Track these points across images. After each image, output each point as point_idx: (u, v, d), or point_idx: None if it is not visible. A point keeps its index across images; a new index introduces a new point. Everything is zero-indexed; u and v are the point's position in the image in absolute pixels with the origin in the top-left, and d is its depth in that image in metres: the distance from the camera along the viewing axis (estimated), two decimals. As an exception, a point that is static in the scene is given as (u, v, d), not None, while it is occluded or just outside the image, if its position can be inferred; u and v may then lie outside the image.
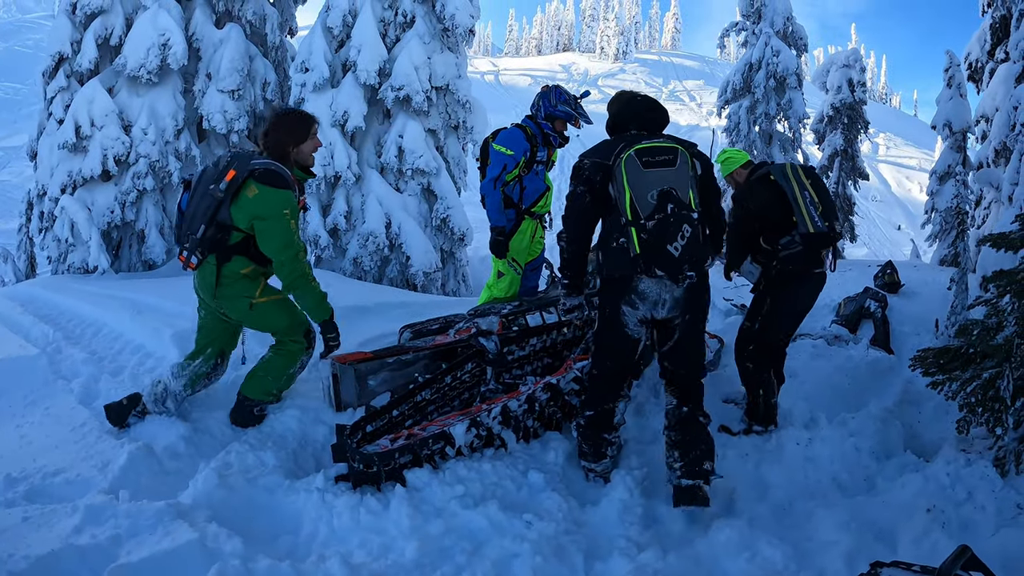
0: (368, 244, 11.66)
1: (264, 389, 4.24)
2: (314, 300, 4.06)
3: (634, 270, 3.50)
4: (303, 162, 4.19)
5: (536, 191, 5.71)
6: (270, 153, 4.04)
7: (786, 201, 4.40)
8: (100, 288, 8.52)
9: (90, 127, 10.98)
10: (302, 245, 4.00)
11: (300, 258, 3.98)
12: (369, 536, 3.07)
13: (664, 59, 73.44)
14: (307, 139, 4.14)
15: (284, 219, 3.88)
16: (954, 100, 13.84)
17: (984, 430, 4.13)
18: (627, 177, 3.48)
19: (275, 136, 4.07)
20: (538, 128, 5.61)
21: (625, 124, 3.90)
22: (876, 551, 3.29)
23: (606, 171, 3.62)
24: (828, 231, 4.34)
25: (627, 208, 3.45)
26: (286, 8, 13.16)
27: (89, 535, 2.94)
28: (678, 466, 3.57)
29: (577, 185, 3.73)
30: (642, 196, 3.44)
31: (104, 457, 3.74)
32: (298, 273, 3.98)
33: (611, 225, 3.64)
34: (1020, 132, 7.54)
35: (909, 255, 16.89)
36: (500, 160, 5.48)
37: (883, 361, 5.98)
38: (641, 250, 3.42)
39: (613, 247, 3.58)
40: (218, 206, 3.93)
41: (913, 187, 41.85)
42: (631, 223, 3.44)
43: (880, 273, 8.01)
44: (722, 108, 16.59)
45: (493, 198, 5.52)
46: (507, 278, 5.81)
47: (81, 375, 5.08)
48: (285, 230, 3.90)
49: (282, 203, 3.90)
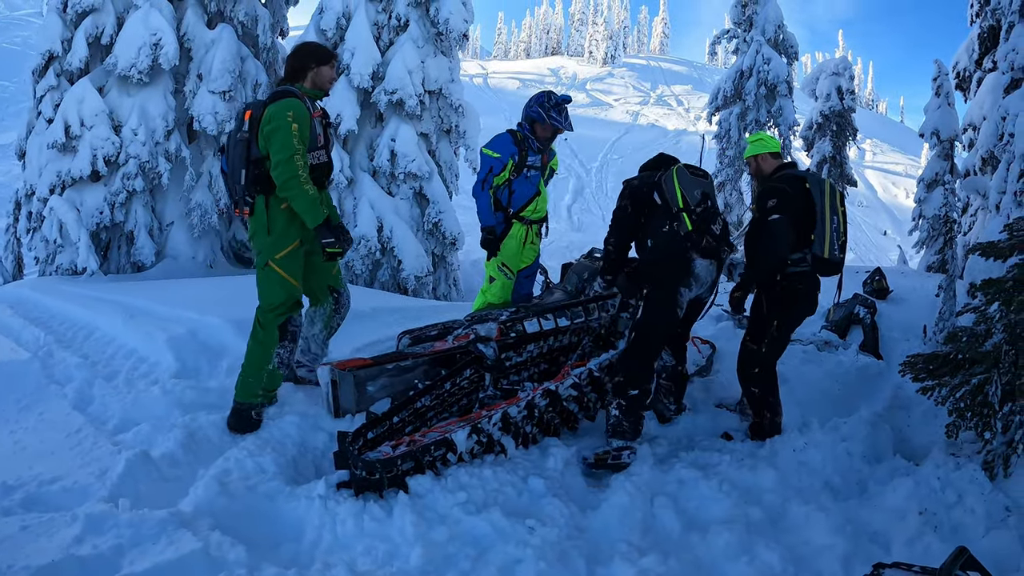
0: (360, 248, 11.66)
1: (249, 390, 4.25)
2: (305, 203, 4.10)
3: (684, 245, 4.33)
4: (320, 85, 4.35)
5: (525, 195, 5.73)
6: (287, 75, 4.31)
7: (811, 215, 4.34)
8: (90, 290, 8.45)
9: (80, 127, 10.92)
10: (299, 148, 4.06)
11: (294, 160, 4.04)
12: (374, 543, 3.07)
13: (652, 64, 73.60)
14: (327, 64, 4.36)
15: (287, 122, 4.03)
16: (942, 109, 13.98)
17: (973, 434, 4.20)
18: (678, 180, 4.42)
19: (298, 56, 4.33)
20: (519, 135, 5.63)
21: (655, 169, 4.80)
22: (871, 554, 3.36)
23: (653, 184, 4.53)
24: (840, 262, 4.40)
25: (679, 198, 4.36)
26: (278, 9, 13.14)
27: (90, 545, 2.91)
28: (672, 404, 4.85)
29: (622, 199, 4.64)
30: (691, 192, 4.38)
31: (101, 464, 3.72)
32: (290, 174, 4.03)
33: (659, 218, 4.46)
34: (1008, 141, 7.64)
35: (896, 261, 17.04)
36: (486, 163, 5.58)
37: (872, 366, 6.05)
38: (692, 227, 4.31)
39: (664, 232, 4.41)
40: (248, 147, 4.16)
41: (899, 193, 42.15)
42: (683, 210, 4.34)
43: (869, 280, 8.08)
44: (713, 114, 16.70)
45: (482, 200, 5.61)
46: (498, 283, 5.83)
47: (75, 380, 5.04)
48: (285, 133, 4.03)
49: (286, 108, 4.07)
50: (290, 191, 4.07)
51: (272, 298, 4.27)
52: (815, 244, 4.31)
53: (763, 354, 4.56)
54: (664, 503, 3.61)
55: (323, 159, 4.36)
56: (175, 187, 11.89)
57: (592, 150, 39.33)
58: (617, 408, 4.28)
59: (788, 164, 4.78)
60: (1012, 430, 3.96)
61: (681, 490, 3.78)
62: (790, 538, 3.49)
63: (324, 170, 4.41)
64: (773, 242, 4.31)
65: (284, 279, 4.25)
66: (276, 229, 4.22)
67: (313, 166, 4.25)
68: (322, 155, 4.34)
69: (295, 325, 4.47)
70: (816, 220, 4.33)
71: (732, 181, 17.47)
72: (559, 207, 29.15)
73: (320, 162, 4.33)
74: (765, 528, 3.55)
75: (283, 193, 4.10)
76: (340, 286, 4.78)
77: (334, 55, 4.49)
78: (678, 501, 3.69)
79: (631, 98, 57.19)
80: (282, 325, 4.35)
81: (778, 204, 4.34)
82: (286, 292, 4.28)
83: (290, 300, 4.31)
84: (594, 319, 5.03)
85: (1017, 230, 4.27)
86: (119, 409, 4.51)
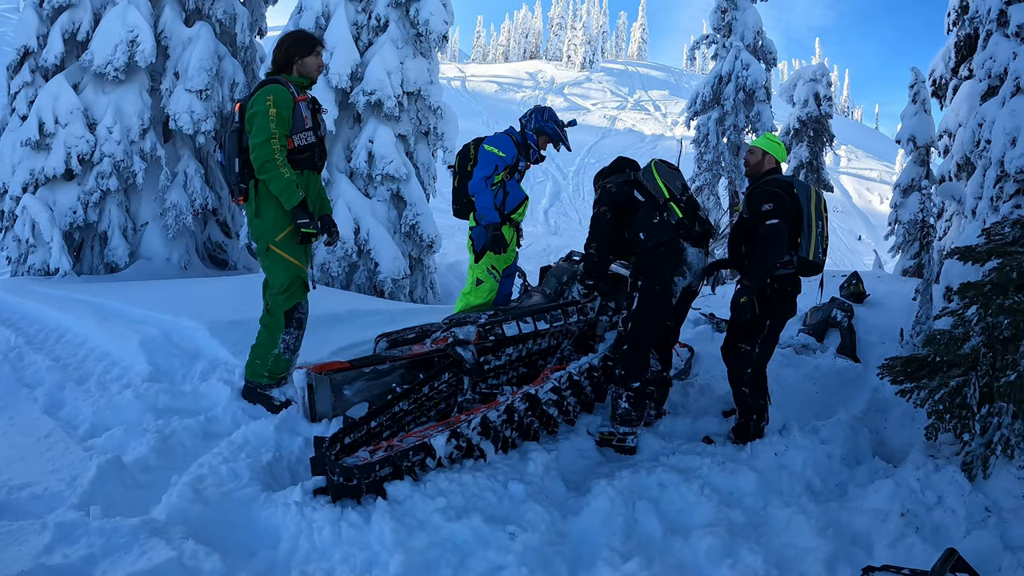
0: (336, 250, 11.56)
1: (255, 371, 4.50)
2: (280, 184, 4.22)
3: (677, 232, 4.57)
4: (307, 74, 4.48)
5: (517, 198, 5.76)
6: (274, 68, 4.45)
7: (798, 220, 4.49)
8: (62, 291, 8.30)
9: (54, 124, 10.77)
10: (275, 133, 4.18)
11: (270, 143, 4.16)
12: (352, 551, 3.01)
13: (630, 69, 73.99)
14: (311, 54, 4.47)
15: (265, 107, 4.16)
16: (918, 115, 14.15)
17: (952, 436, 4.24)
18: (659, 173, 4.71)
19: (282, 48, 4.45)
20: (523, 139, 5.74)
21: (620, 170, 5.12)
22: (854, 556, 3.37)
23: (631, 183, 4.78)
24: (822, 264, 4.60)
25: (664, 190, 4.64)
26: (257, 8, 13.03)
27: (61, 554, 2.81)
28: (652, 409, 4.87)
29: (599, 205, 4.77)
30: (673, 184, 4.69)
31: (72, 470, 3.63)
32: (266, 157, 4.16)
33: (646, 212, 4.63)
34: (984, 148, 7.73)
35: (872, 265, 17.21)
36: (492, 160, 5.57)
37: (850, 370, 6.08)
38: (683, 214, 4.60)
39: (655, 223, 4.57)
40: (240, 136, 4.32)
41: (874, 198, 42.65)
42: (670, 200, 4.62)
43: (846, 283, 8.14)
44: (691, 120, 16.77)
45: (486, 196, 5.55)
46: (487, 284, 5.82)
47: (45, 383, 4.93)
48: (263, 118, 4.16)
49: (266, 93, 4.21)
50: (266, 173, 4.21)
51: (279, 280, 4.44)
52: (801, 247, 4.49)
53: (756, 355, 4.67)
54: (646, 507, 3.58)
55: (310, 140, 4.42)
56: (150, 187, 11.74)
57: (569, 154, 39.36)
58: (626, 401, 4.51)
59: (776, 168, 4.88)
60: (990, 431, 3.99)
61: (663, 494, 3.76)
62: (773, 541, 3.49)
63: (314, 151, 4.49)
64: (776, 245, 4.41)
65: (287, 260, 4.42)
66: (267, 213, 4.35)
67: (302, 147, 4.37)
68: (309, 136, 4.41)
69: (301, 312, 4.58)
70: (803, 224, 4.49)
71: (710, 186, 17.56)
72: (536, 211, 29.19)
73: (308, 143, 4.41)
74: (747, 531, 3.55)
75: (260, 175, 4.24)
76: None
77: (318, 42, 4.56)
78: (660, 505, 3.67)
79: (609, 103, 57.44)
80: (288, 311, 4.50)
81: (775, 209, 4.45)
82: (291, 273, 4.44)
83: (296, 282, 4.47)
84: (573, 322, 5.01)
85: (994, 235, 4.32)
86: (91, 413, 4.41)
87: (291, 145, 4.33)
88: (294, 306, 4.51)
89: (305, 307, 4.62)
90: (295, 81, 4.41)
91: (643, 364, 4.59)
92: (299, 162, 4.40)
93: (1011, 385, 3.86)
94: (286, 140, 4.27)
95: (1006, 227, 4.37)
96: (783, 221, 4.41)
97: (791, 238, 4.47)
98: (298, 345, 4.63)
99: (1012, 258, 3.98)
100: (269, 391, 4.51)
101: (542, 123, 5.76)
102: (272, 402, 4.45)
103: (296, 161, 4.38)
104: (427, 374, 4.42)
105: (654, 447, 4.49)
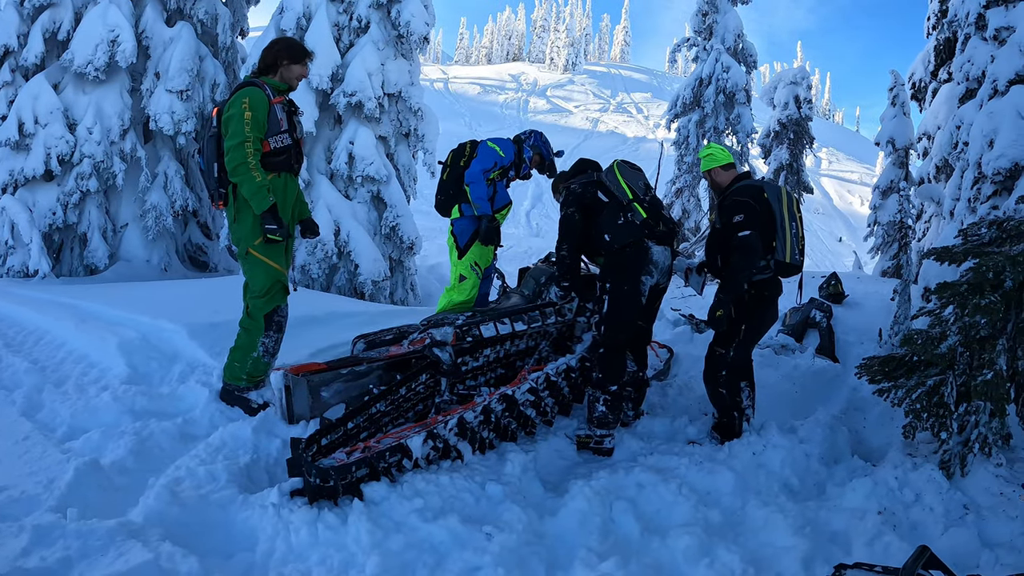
0: (316, 251, 11.53)
1: (233, 373, 4.49)
2: (251, 188, 4.19)
3: (642, 232, 4.55)
4: (288, 80, 4.47)
5: (503, 200, 5.90)
6: (259, 68, 4.45)
7: (772, 223, 4.45)
8: (41, 293, 8.22)
9: (34, 124, 10.70)
10: (249, 136, 4.16)
11: (244, 147, 4.14)
12: (329, 552, 2.99)
13: (613, 71, 74.26)
14: (299, 63, 4.48)
15: (240, 110, 4.16)
16: (898, 118, 14.29)
17: (929, 435, 4.27)
18: (621, 174, 4.74)
19: (272, 49, 4.46)
20: (519, 150, 5.97)
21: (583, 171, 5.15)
22: (832, 554, 3.38)
23: (595, 183, 4.77)
24: (800, 264, 4.58)
25: (627, 191, 4.66)
26: (238, 9, 12.98)
27: (38, 557, 2.80)
28: (630, 410, 4.89)
29: (567, 207, 4.73)
30: (636, 184, 4.72)
31: (49, 473, 3.60)
32: (239, 160, 4.15)
33: (610, 213, 4.63)
34: (962, 150, 7.80)
35: (851, 266, 17.34)
36: (493, 156, 5.75)
37: (829, 370, 6.13)
38: (647, 214, 4.62)
39: (619, 224, 4.58)
40: (218, 141, 4.29)
41: (854, 200, 42.97)
42: (634, 200, 4.63)
43: (825, 284, 8.21)
44: (672, 121, 16.84)
45: (481, 187, 5.67)
46: (469, 281, 5.86)
47: (23, 385, 4.88)
48: (237, 121, 4.15)
49: (241, 96, 4.20)
50: (238, 176, 4.19)
51: (258, 283, 4.42)
52: (777, 251, 4.44)
53: (730, 358, 4.63)
54: (623, 507, 3.58)
55: (286, 142, 4.41)
56: (130, 188, 11.66)
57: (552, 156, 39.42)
58: (603, 404, 4.49)
59: (744, 175, 4.87)
60: (968, 430, 4.03)
61: (640, 494, 3.76)
62: (750, 540, 3.49)
63: (290, 154, 4.48)
64: (749, 256, 4.37)
65: (266, 264, 4.39)
66: (246, 217, 4.33)
67: (278, 149, 4.36)
68: (285, 138, 4.39)
69: (281, 315, 4.55)
70: (776, 228, 4.45)
71: (690, 187, 17.64)
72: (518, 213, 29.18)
73: (283, 145, 4.39)
74: (725, 531, 3.55)
75: (233, 178, 4.23)
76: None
77: (308, 54, 4.58)
78: (637, 505, 3.67)
79: (591, 105, 57.63)
80: (268, 315, 4.47)
81: (746, 219, 4.41)
82: (271, 277, 4.42)
83: (276, 286, 4.45)
84: (551, 323, 5.01)
85: (971, 236, 4.36)
86: (68, 416, 4.37)
87: (266, 148, 4.31)
88: (274, 309, 4.49)
89: (285, 310, 4.59)
90: (273, 84, 4.39)
91: (620, 367, 4.57)
92: (275, 164, 4.38)
93: (988, 384, 3.89)
94: (260, 143, 4.25)
95: (983, 228, 4.42)
96: (755, 231, 4.36)
97: (766, 243, 4.42)
98: (277, 348, 4.60)
99: (988, 258, 4.01)
100: (247, 393, 4.49)
101: (540, 144, 6.07)
102: (250, 404, 4.43)
103: (272, 163, 4.36)
104: (404, 375, 4.40)
105: (632, 447, 4.50)
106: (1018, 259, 3.89)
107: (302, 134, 4.65)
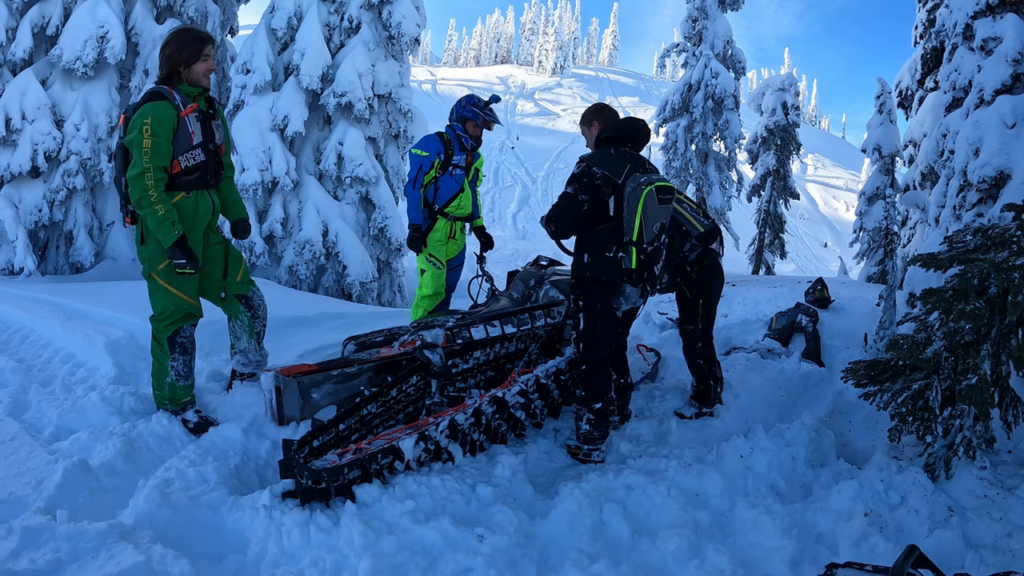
0: (304, 252, 11.50)
1: (159, 400, 4.30)
2: (154, 221, 3.91)
3: (622, 279, 4.18)
4: (195, 83, 4.05)
5: (448, 192, 6.09)
6: (160, 75, 4.03)
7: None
8: (26, 291, 8.14)
9: (21, 120, 10.59)
10: (148, 167, 3.83)
11: (143, 178, 3.84)
12: (320, 554, 2.99)
13: (601, 75, 74.53)
14: (197, 60, 4.01)
15: (139, 136, 3.81)
16: (884, 125, 14.40)
17: (914, 438, 4.31)
18: (644, 207, 4.05)
19: (164, 53, 4.01)
20: (454, 133, 6.02)
21: (623, 139, 4.39)
22: (819, 555, 3.41)
23: (615, 188, 4.15)
24: (713, 224, 4.98)
25: (636, 232, 4.07)
26: (228, 7, 12.93)
27: (27, 559, 2.78)
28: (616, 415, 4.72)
29: (579, 192, 4.15)
30: (650, 227, 4.10)
31: (38, 474, 3.58)
32: (139, 193, 3.86)
33: (606, 236, 4.18)
34: (948, 158, 7.86)
35: (837, 272, 17.47)
36: (416, 162, 5.93)
37: (815, 374, 6.16)
38: (636, 266, 4.12)
39: (607, 256, 4.17)
40: (126, 153, 3.96)
41: (839, 206, 43.29)
42: (634, 244, 4.08)
43: (811, 289, 8.25)
44: (660, 126, 16.89)
45: (412, 198, 5.98)
46: (428, 274, 6.16)
47: (9, 385, 4.85)
48: (137, 149, 3.83)
49: (142, 116, 3.83)
50: (142, 210, 3.93)
51: (158, 307, 4.20)
52: (691, 231, 4.91)
53: (700, 329, 5.07)
54: (613, 509, 3.60)
55: (199, 158, 4.08)
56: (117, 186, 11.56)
57: (539, 159, 39.62)
58: (587, 423, 4.37)
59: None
60: (952, 433, 4.07)
61: (629, 496, 3.78)
62: (739, 541, 3.52)
63: (205, 168, 4.15)
64: None
65: (168, 290, 4.14)
66: (151, 240, 4.06)
67: (189, 168, 4.05)
68: (198, 154, 4.06)
69: (184, 337, 4.25)
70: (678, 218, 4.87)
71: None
72: (505, 215, 29.22)
73: (196, 162, 4.07)
74: (714, 532, 3.58)
75: (137, 210, 3.97)
76: (247, 290, 4.60)
77: (205, 42, 4.07)
78: (627, 507, 3.69)
79: (579, 108, 57.67)
80: (171, 337, 4.21)
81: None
82: (172, 303, 4.16)
83: (178, 312, 4.19)
84: (540, 326, 5.04)
85: (956, 242, 4.40)
86: (56, 416, 4.34)
87: (176, 168, 4.00)
88: (175, 331, 4.21)
89: (188, 331, 4.28)
90: (185, 90, 4.02)
91: (603, 383, 4.41)
92: (187, 184, 4.07)
93: (972, 388, 3.93)
94: (163, 172, 3.93)
95: (968, 235, 4.46)
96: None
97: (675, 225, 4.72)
98: (189, 371, 4.32)
99: (973, 265, 4.06)
100: (183, 415, 4.27)
101: (461, 110, 6.02)
102: (187, 426, 4.22)
103: (183, 183, 4.06)
104: (395, 377, 4.41)
105: (621, 449, 4.51)
106: (1003, 266, 3.94)
107: (224, 138, 4.32)
